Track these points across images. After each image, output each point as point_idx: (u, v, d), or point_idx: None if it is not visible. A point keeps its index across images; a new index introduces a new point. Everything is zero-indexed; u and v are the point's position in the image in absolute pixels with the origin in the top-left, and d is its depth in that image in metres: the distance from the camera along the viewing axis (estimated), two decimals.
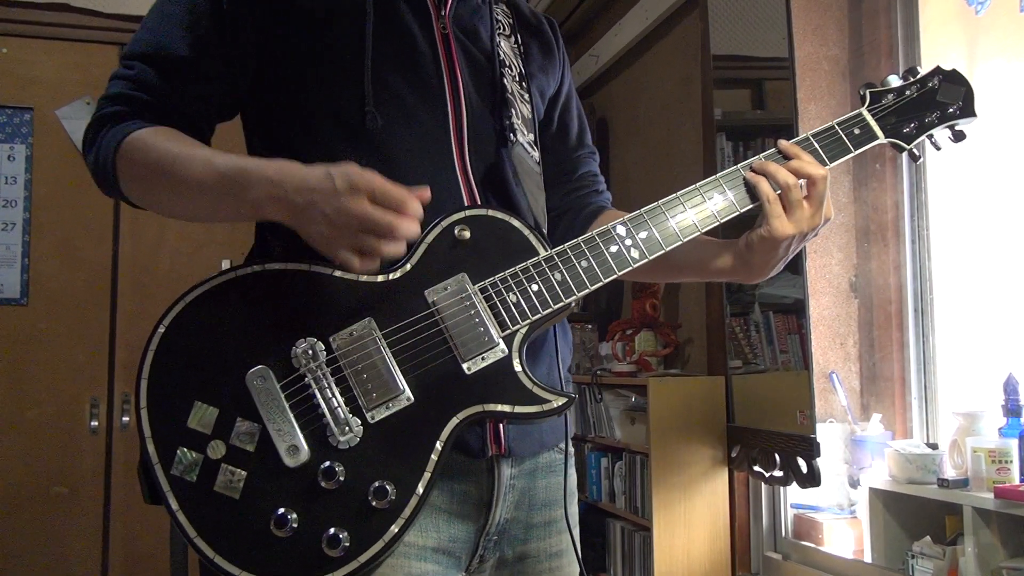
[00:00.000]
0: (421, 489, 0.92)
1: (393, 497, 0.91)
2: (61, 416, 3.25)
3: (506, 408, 0.96)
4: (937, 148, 1.17)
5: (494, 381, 0.96)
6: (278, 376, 0.94)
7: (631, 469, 2.90)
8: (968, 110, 1.14)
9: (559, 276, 1.00)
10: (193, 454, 0.92)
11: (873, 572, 2.25)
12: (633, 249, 1.02)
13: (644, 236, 1.03)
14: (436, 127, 1.07)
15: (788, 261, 1.10)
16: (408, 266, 0.98)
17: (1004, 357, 2.08)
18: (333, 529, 0.90)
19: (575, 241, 1.02)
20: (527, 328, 0.98)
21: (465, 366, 0.96)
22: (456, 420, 0.95)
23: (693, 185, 1.06)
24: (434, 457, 0.93)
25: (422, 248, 0.99)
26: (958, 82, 1.14)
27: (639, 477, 2.84)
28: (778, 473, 2.48)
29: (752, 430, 2.62)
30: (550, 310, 0.99)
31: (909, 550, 2.18)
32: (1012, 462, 1.90)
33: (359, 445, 0.93)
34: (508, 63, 1.16)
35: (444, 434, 0.94)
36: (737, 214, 1.06)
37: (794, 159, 1.06)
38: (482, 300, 0.98)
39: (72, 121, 3.31)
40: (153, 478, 0.92)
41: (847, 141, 1.10)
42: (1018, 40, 2.10)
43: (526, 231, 1.02)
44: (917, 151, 1.15)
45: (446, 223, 1.00)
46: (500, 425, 1.04)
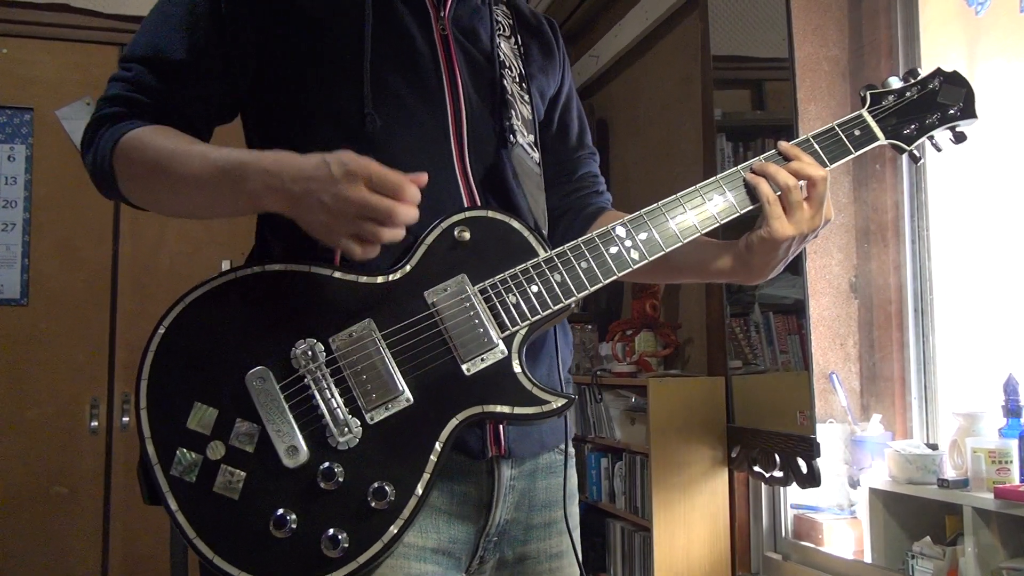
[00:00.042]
0: (420, 490, 0.92)
1: (392, 498, 0.91)
2: (61, 416, 3.25)
3: (505, 409, 0.96)
4: (938, 149, 1.17)
5: (493, 382, 0.96)
6: (278, 377, 0.94)
7: (631, 469, 2.90)
8: (969, 111, 1.13)
9: (559, 277, 1.00)
10: (192, 455, 0.92)
11: (873, 572, 2.25)
12: (633, 250, 1.02)
13: (644, 237, 1.03)
14: (436, 128, 1.07)
15: (788, 262, 1.09)
16: (408, 267, 0.98)
17: (1004, 357, 2.08)
18: (332, 530, 0.90)
19: (575, 242, 1.02)
20: (527, 329, 0.98)
21: (464, 367, 0.96)
22: (455, 421, 0.95)
23: (693, 186, 1.06)
24: (433, 458, 0.93)
25: (422, 249, 0.99)
26: (959, 83, 1.14)
27: (639, 477, 2.84)
28: (778, 473, 2.48)
29: (752, 430, 2.62)
30: (549, 311, 0.98)
31: (909, 550, 2.18)
32: (1012, 462, 1.90)
33: (358, 446, 0.93)
34: (508, 64, 1.16)
35: (443, 435, 0.94)
36: (737, 215, 1.06)
37: (794, 160, 1.05)
38: (482, 301, 0.98)
39: (72, 121, 3.31)
40: (152, 479, 0.92)
41: (847, 142, 1.10)
42: (1018, 40, 2.10)
43: (526, 232, 1.02)
44: (918, 152, 1.14)
45: (446, 224, 1.00)
46: (500, 426, 1.04)
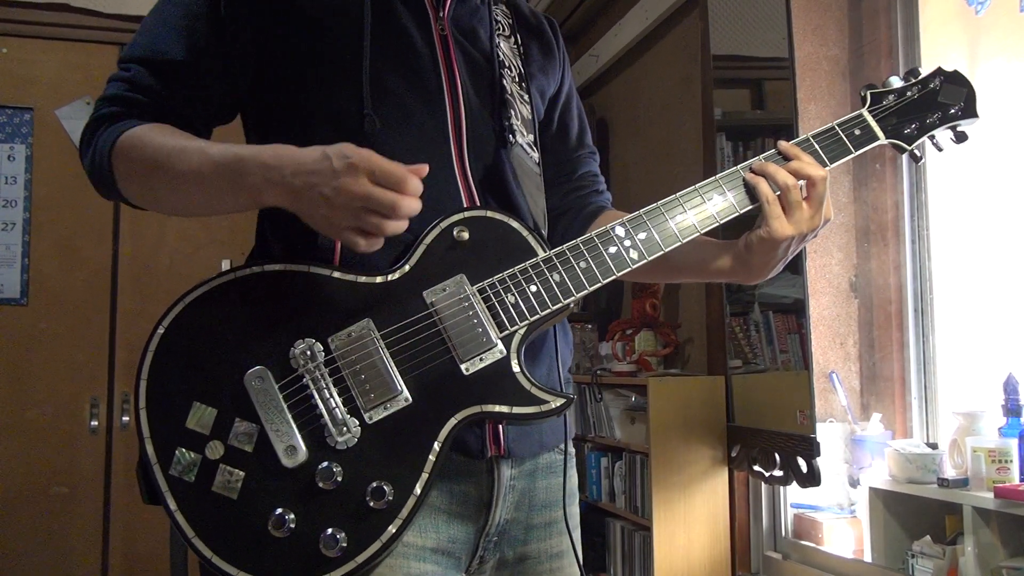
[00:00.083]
0: (419, 490, 0.92)
1: (391, 498, 0.91)
2: (61, 416, 3.26)
3: (504, 409, 0.96)
4: (939, 149, 1.16)
5: (492, 382, 0.96)
6: (276, 377, 0.94)
7: (631, 469, 2.90)
8: (970, 111, 1.13)
9: (557, 277, 1.00)
10: (191, 454, 0.92)
11: (873, 572, 2.25)
12: (632, 250, 1.02)
13: (643, 237, 1.03)
14: (435, 129, 1.07)
15: (788, 262, 1.09)
16: (407, 267, 0.98)
17: (1004, 357, 2.08)
18: (331, 529, 0.90)
19: (574, 242, 1.01)
20: (525, 329, 0.98)
21: (463, 367, 0.96)
22: (454, 421, 0.95)
23: (692, 186, 1.06)
24: (432, 458, 0.93)
25: (421, 249, 0.99)
26: (960, 83, 1.14)
27: (639, 477, 2.84)
28: (778, 473, 2.47)
29: (752, 430, 2.62)
30: (548, 311, 0.98)
31: (909, 550, 2.18)
32: (1012, 462, 1.90)
33: (357, 446, 0.93)
34: (507, 64, 1.16)
35: (442, 435, 0.94)
36: (736, 215, 1.06)
37: (794, 160, 1.05)
38: (480, 301, 0.98)
39: (72, 121, 3.31)
40: (152, 478, 0.92)
41: (847, 142, 1.09)
42: (1018, 40, 2.10)
43: (525, 232, 1.02)
44: (918, 152, 1.14)
45: (445, 224, 1.00)
46: (499, 426, 1.04)
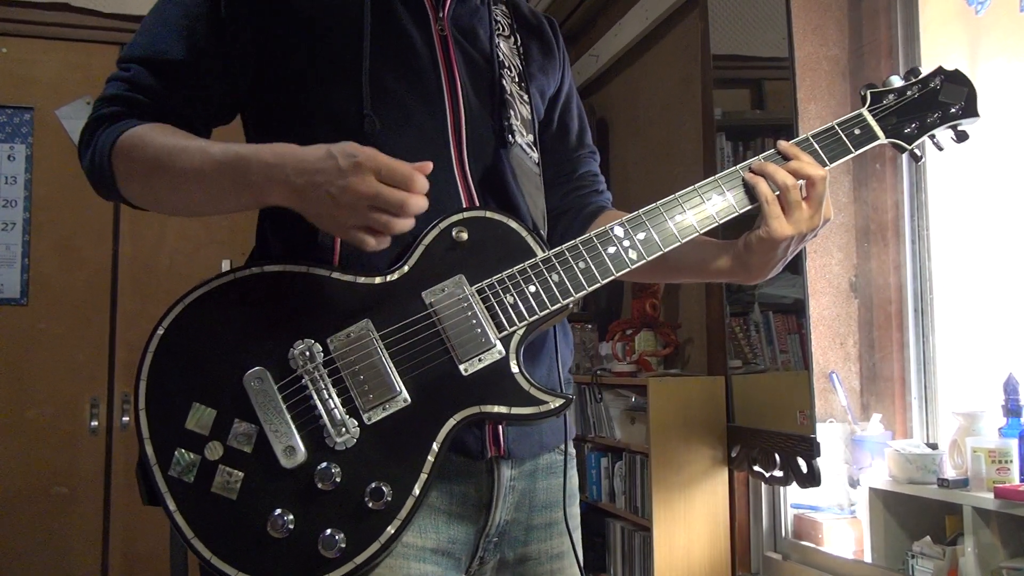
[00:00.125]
0: (417, 490, 0.92)
1: (389, 498, 0.91)
2: (61, 416, 3.26)
3: (503, 409, 0.95)
4: (939, 148, 1.16)
5: (491, 382, 0.96)
6: (275, 377, 0.93)
7: (631, 469, 2.90)
8: (971, 110, 1.13)
9: (556, 277, 0.99)
10: (191, 455, 0.92)
11: (873, 572, 2.25)
12: (631, 250, 1.02)
13: (642, 237, 1.02)
14: (434, 129, 1.07)
15: (787, 262, 1.09)
16: (406, 267, 0.98)
17: (1004, 357, 2.08)
18: (329, 530, 0.90)
19: (573, 242, 1.01)
20: (524, 329, 0.98)
21: (462, 367, 0.95)
22: (453, 421, 0.94)
23: (692, 186, 1.06)
24: (430, 458, 0.93)
25: (420, 250, 0.99)
26: (960, 82, 1.14)
27: (639, 477, 2.84)
28: (778, 473, 2.47)
29: (752, 430, 2.61)
30: (547, 311, 0.98)
31: (909, 550, 2.18)
32: (1012, 462, 1.90)
33: (356, 446, 0.93)
34: (507, 64, 1.16)
35: (441, 435, 0.94)
36: (736, 215, 1.06)
37: (793, 159, 1.05)
38: (479, 302, 0.97)
39: (72, 121, 3.31)
40: (151, 479, 0.92)
41: (847, 141, 1.09)
42: (1019, 40, 2.10)
43: (524, 232, 1.02)
44: (918, 151, 1.14)
45: (444, 225, 1.00)
46: (499, 427, 1.04)
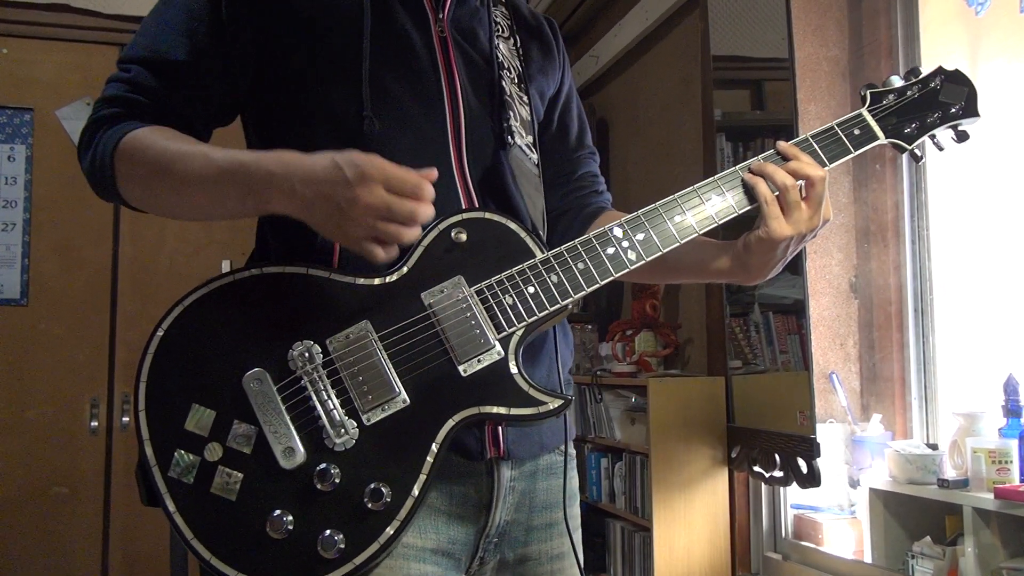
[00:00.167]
0: (416, 491, 0.92)
1: (388, 499, 0.91)
2: (61, 416, 3.26)
3: (502, 410, 0.95)
4: (940, 148, 1.15)
5: (490, 383, 0.96)
6: (274, 379, 0.93)
7: (631, 469, 2.90)
8: (971, 110, 1.12)
9: (555, 278, 0.99)
10: (190, 456, 0.92)
11: (873, 572, 2.25)
12: (630, 251, 1.02)
13: (641, 238, 1.02)
14: (434, 131, 1.07)
15: (787, 262, 1.09)
16: (405, 269, 0.98)
17: (1004, 357, 2.08)
18: (329, 531, 0.90)
19: (571, 243, 1.01)
20: (523, 330, 0.98)
21: (461, 368, 0.95)
22: (452, 422, 0.94)
23: (691, 187, 1.06)
24: (430, 459, 0.93)
25: (419, 251, 0.99)
26: (961, 82, 1.13)
27: (639, 477, 2.84)
28: (778, 473, 2.47)
29: (752, 430, 2.61)
30: (546, 312, 0.98)
31: (909, 550, 2.18)
32: (1012, 462, 1.90)
33: (355, 447, 0.92)
34: (507, 65, 1.16)
35: (440, 436, 0.94)
36: (735, 216, 1.06)
37: (792, 160, 1.05)
38: (478, 303, 0.97)
39: (72, 121, 3.31)
40: (151, 480, 0.92)
41: (847, 142, 1.09)
42: (1019, 41, 2.10)
43: (523, 234, 1.01)
44: (918, 151, 1.14)
45: (443, 226, 1.00)
46: (499, 427, 1.04)
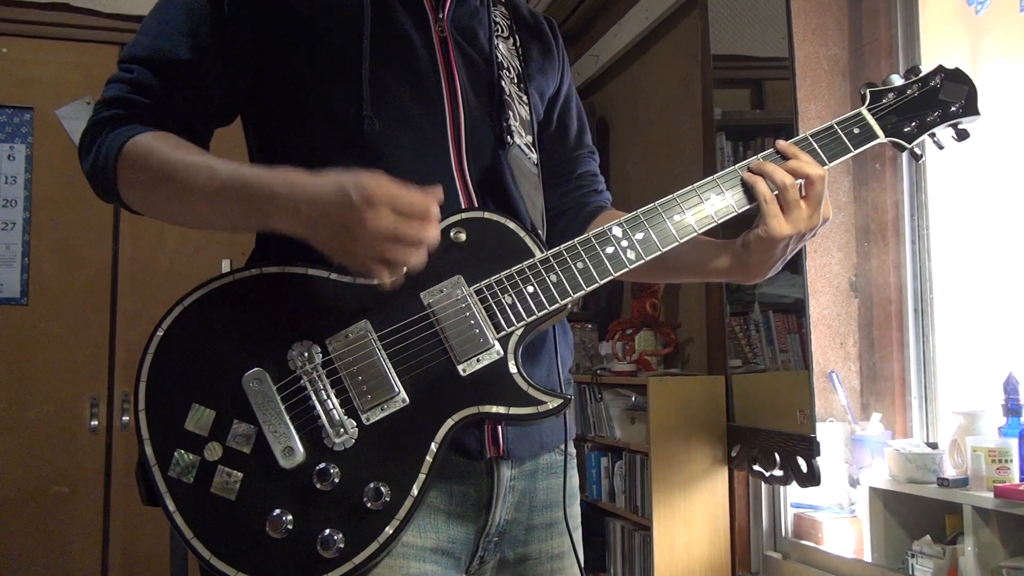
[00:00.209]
0: (416, 490, 0.92)
1: (388, 498, 0.91)
2: (61, 416, 3.26)
3: (501, 410, 0.95)
4: (940, 147, 1.15)
5: (489, 383, 0.96)
6: (274, 378, 0.94)
7: (631, 468, 2.90)
8: (971, 108, 1.12)
9: (554, 278, 0.99)
10: (190, 456, 0.92)
11: (873, 571, 2.25)
12: (629, 250, 1.02)
13: (640, 237, 1.02)
14: (434, 130, 1.07)
15: (786, 262, 1.09)
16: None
17: (1004, 357, 2.08)
18: (328, 530, 0.90)
19: (571, 243, 1.01)
20: (522, 330, 0.98)
21: (460, 368, 0.95)
22: (451, 422, 0.95)
23: (690, 186, 1.06)
24: (429, 459, 0.93)
25: None
26: (961, 80, 1.13)
27: (639, 476, 2.84)
28: (778, 472, 2.47)
29: (752, 429, 2.62)
30: (545, 311, 0.98)
31: (909, 549, 2.18)
32: (1012, 461, 1.90)
33: (354, 447, 0.93)
34: (506, 65, 1.16)
35: (439, 435, 0.94)
36: (735, 215, 1.06)
37: (792, 159, 1.05)
38: (477, 302, 0.97)
39: (72, 121, 3.31)
40: (151, 480, 0.92)
41: (846, 140, 1.09)
42: (1019, 40, 2.10)
43: (522, 233, 1.01)
44: (918, 150, 1.14)
45: (442, 226, 0.99)
46: (498, 427, 1.04)
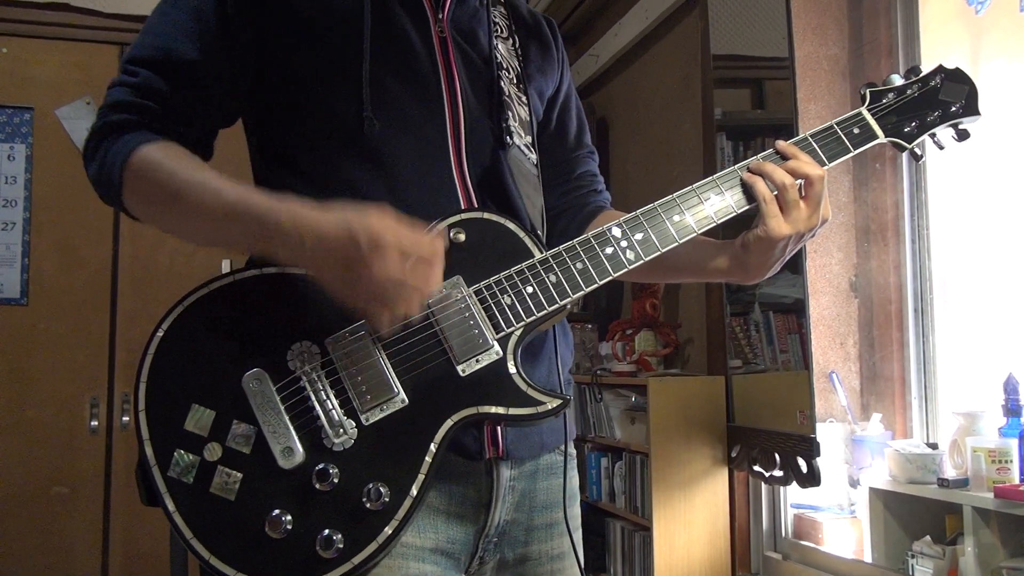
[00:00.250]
0: (415, 491, 0.92)
1: (387, 499, 0.91)
2: (61, 416, 3.26)
3: (500, 410, 0.95)
4: (940, 147, 1.15)
5: (489, 383, 0.96)
6: (274, 379, 0.94)
7: (631, 469, 2.90)
8: (971, 108, 1.12)
9: (554, 278, 0.99)
10: (190, 456, 0.92)
11: (873, 572, 2.25)
12: (628, 251, 1.02)
13: (640, 238, 1.02)
14: (434, 131, 1.07)
15: (785, 262, 1.09)
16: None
17: (1004, 357, 2.08)
18: (327, 530, 0.90)
19: (570, 243, 1.01)
20: (522, 330, 0.98)
21: (460, 368, 0.95)
22: (450, 422, 0.95)
23: (690, 186, 1.05)
24: (428, 459, 0.93)
25: None
26: (961, 80, 1.13)
27: (639, 477, 2.84)
28: (778, 473, 2.47)
29: (752, 430, 2.61)
30: (544, 312, 0.98)
31: (909, 550, 2.18)
32: (1012, 462, 1.90)
33: (353, 447, 0.93)
34: (506, 65, 1.16)
35: (438, 436, 0.94)
36: (734, 215, 1.05)
37: (791, 159, 1.05)
38: (477, 302, 0.97)
39: (72, 121, 3.31)
40: (150, 480, 0.92)
41: (846, 141, 1.09)
42: (1019, 40, 2.10)
43: (521, 233, 1.01)
44: (918, 150, 1.14)
45: (441, 226, 1.00)
46: (498, 427, 1.04)
